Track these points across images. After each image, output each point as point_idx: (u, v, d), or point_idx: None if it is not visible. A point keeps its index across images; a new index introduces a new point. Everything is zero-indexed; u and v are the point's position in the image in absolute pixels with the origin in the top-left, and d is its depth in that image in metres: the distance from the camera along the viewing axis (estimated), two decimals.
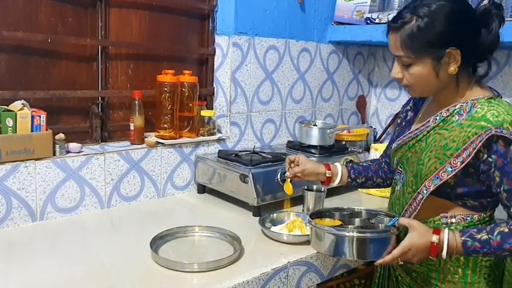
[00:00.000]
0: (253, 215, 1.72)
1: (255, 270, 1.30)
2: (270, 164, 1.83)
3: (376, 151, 2.15)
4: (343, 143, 2.30)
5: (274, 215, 1.67)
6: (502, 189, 1.16)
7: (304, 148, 2.12)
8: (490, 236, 1.15)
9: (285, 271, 1.37)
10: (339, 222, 1.42)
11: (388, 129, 2.62)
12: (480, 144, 1.15)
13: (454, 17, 1.17)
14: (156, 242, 1.41)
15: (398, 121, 1.48)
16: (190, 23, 2.07)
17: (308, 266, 1.44)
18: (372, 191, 2.02)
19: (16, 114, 1.50)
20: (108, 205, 1.75)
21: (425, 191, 1.25)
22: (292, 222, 1.57)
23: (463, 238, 1.17)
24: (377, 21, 2.23)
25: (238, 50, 2.06)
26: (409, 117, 1.43)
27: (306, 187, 1.73)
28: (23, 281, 1.20)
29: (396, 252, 1.22)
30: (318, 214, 1.46)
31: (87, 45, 1.77)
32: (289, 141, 2.30)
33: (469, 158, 1.16)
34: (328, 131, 2.12)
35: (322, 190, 1.72)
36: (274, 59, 2.21)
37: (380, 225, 1.37)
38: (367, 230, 1.30)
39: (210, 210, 1.80)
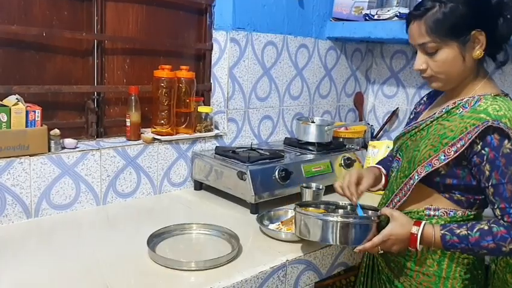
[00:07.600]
0: (251, 213, 1.71)
1: (253, 269, 1.29)
2: (267, 161, 1.82)
3: (374, 148, 2.14)
4: (341, 140, 2.29)
5: (272, 212, 1.67)
6: (490, 183, 1.15)
7: (301, 145, 2.11)
8: (469, 232, 1.15)
9: (283, 269, 1.36)
10: (323, 211, 1.44)
11: (385, 126, 2.62)
12: (476, 135, 1.14)
13: (474, 0, 1.18)
14: (153, 240, 1.39)
15: (411, 116, 1.47)
16: (187, 18, 2.05)
17: (306, 265, 1.43)
18: None
19: (10, 109, 1.48)
20: (104, 202, 1.74)
21: (416, 177, 1.24)
22: (290, 219, 1.56)
23: (442, 232, 1.18)
24: (375, 17, 2.21)
25: (236, 45, 2.04)
26: (419, 109, 1.43)
27: (304, 184, 1.72)
28: (17, 278, 1.19)
29: (376, 239, 1.22)
30: (303, 205, 1.47)
31: (82, 39, 1.75)
32: (286, 138, 2.28)
33: (463, 148, 1.16)
34: (326, 128, 2.11)
35: (321, 188, 1.71)
36: (272, 55, 2.20)
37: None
38: (349, 216, 1.33)
39: (207, 208, 1.79)
